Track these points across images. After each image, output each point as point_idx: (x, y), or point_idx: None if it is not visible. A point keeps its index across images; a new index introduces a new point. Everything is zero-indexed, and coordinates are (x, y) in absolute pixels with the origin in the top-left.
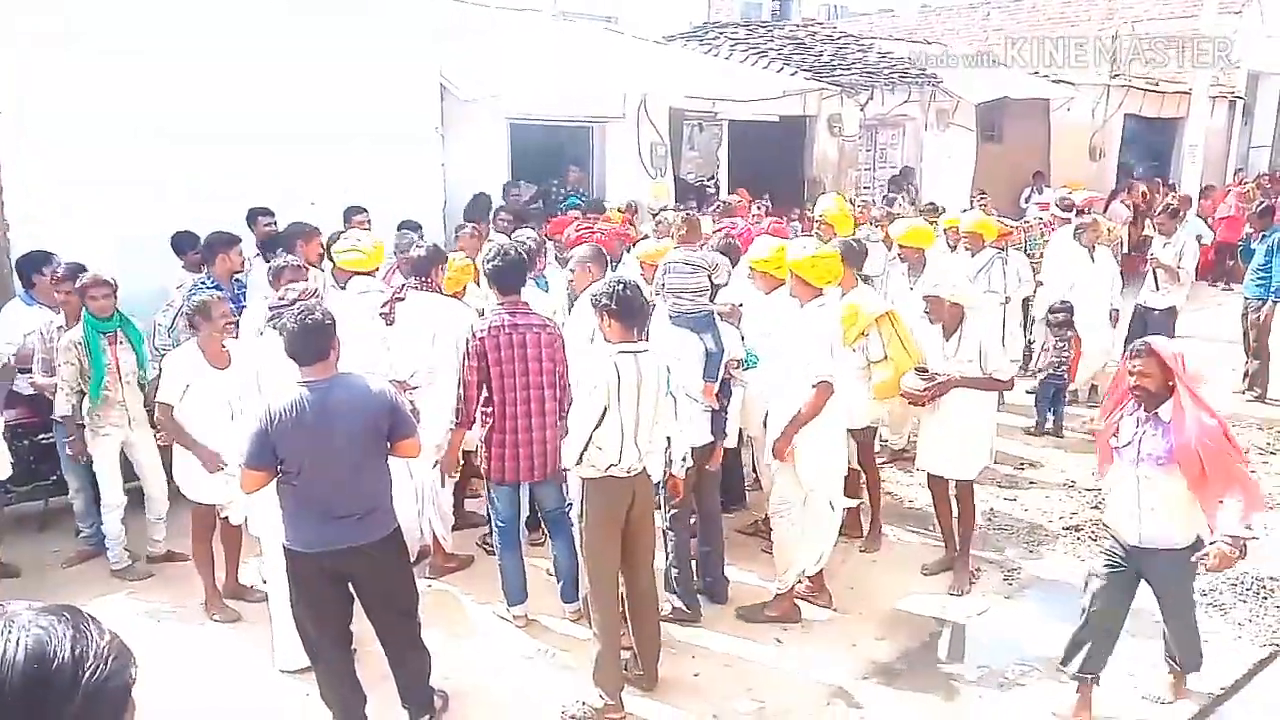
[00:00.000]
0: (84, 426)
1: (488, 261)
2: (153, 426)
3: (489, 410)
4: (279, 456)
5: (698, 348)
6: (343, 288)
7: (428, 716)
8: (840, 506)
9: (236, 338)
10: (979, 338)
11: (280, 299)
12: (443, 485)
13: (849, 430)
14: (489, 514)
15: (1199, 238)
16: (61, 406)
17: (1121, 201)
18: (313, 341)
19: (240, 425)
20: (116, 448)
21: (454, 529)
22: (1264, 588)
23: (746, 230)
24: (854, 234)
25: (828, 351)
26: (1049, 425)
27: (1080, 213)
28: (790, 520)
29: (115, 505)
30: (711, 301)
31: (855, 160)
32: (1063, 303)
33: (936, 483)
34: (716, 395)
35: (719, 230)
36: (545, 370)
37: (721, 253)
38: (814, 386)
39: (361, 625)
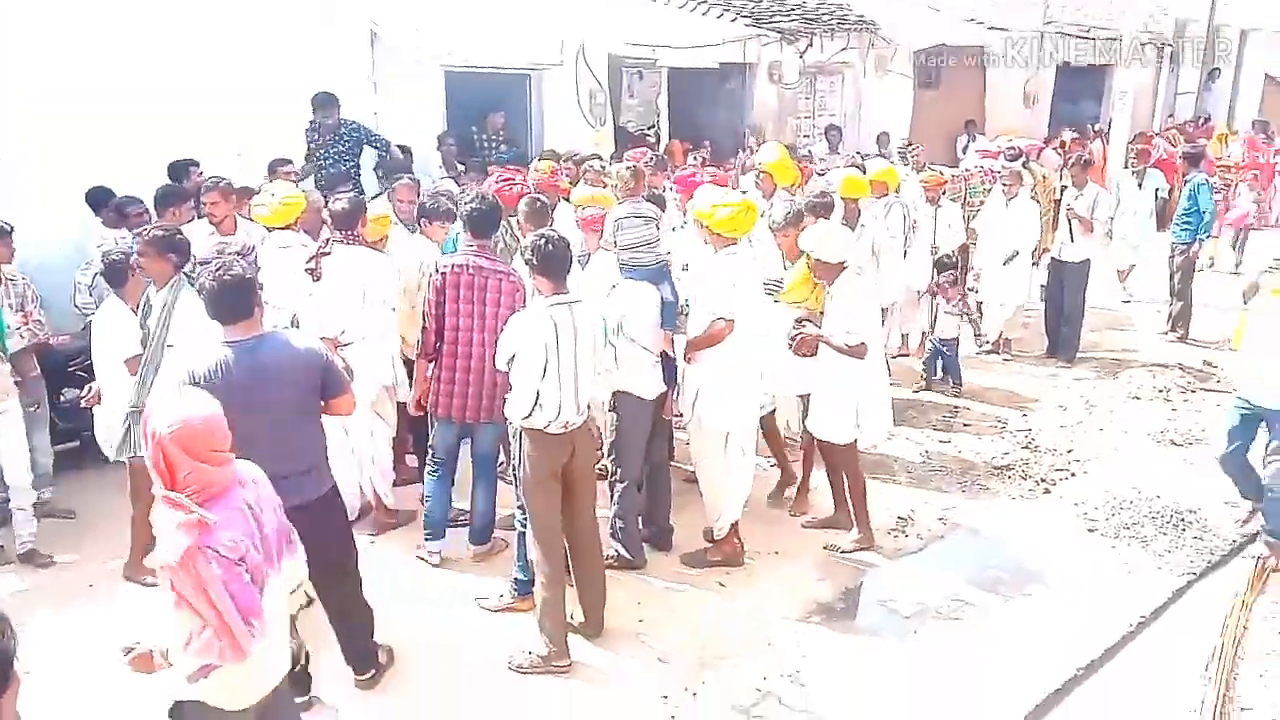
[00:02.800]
0: None
1: (466, 205)
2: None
3: (440, 347)
4: None
5: (654, 298)
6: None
7: (372, 671)
8: (750, 453)
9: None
10: (849, 297)
11: (218, 252)
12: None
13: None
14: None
15: (1156, 190)
16: None
17: (1054, 149)
18: (233, 300)
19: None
20: None
21: (394, 485)
22: (1182, 520)
23: (689, 177)
24: (799, 186)
25: (730, 293)
26: (937, 379)
27: (1025, 161)
28: (713, 468)
29: None
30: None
31: (795, 108)
32: (948, 257)
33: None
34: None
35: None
36: (501, 316)
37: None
38: (711, 322)
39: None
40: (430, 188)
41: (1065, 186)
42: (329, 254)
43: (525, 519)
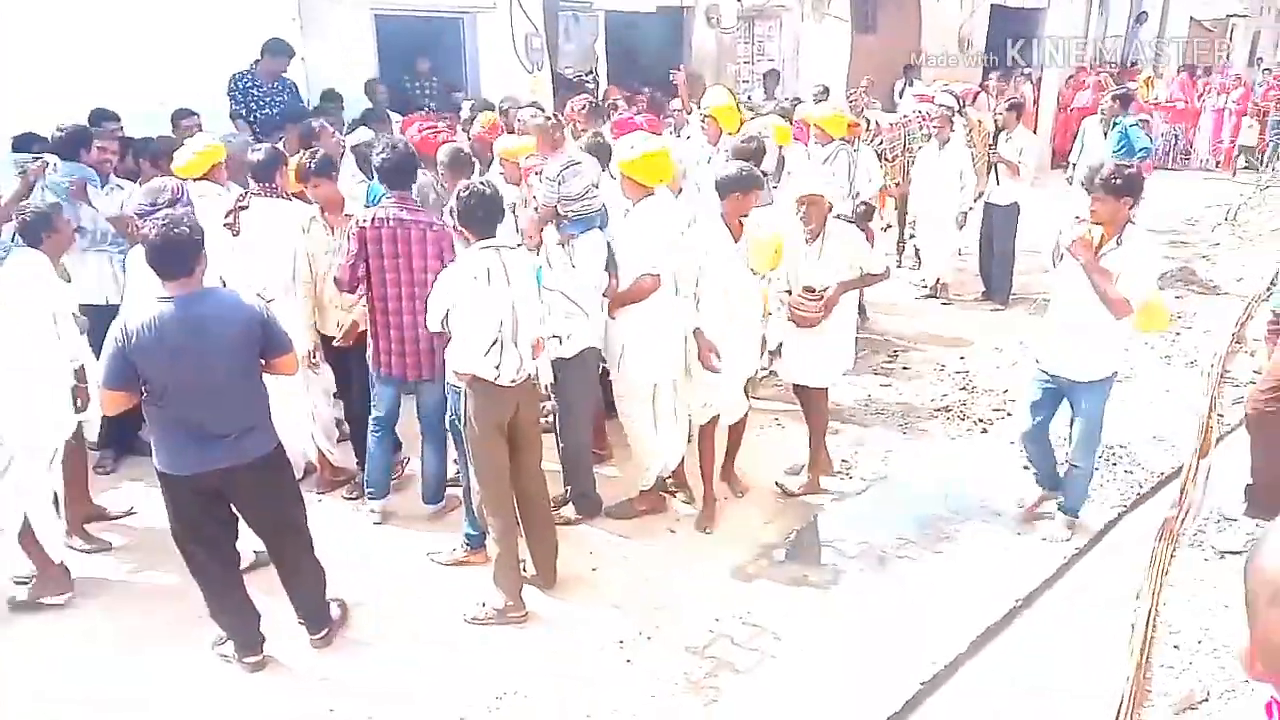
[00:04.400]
0: None
1: (377, 155)
2: None
3: (372, 305)
4: (141, 377)
5: (602, 243)
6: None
7: (325, 629)
8: (683, 414)
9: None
10: (843, 236)
11: (152, 204)
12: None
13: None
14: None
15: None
16: None
17: (989, 93)
18: (177, 254)
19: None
20: None
21: (338, 441)
22: (1113, 454)
23: (628, 120)
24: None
25: (658, 247)
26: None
27: (962, 106)
28: (640, 421)
29: None
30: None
31: (734, 53)
32: (863, 203)
33: (802, 390)
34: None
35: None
36: (430, 269)
37: (590, 150)
38: (638, 277)
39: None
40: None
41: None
42: (246, 207)
43: (469, 474)
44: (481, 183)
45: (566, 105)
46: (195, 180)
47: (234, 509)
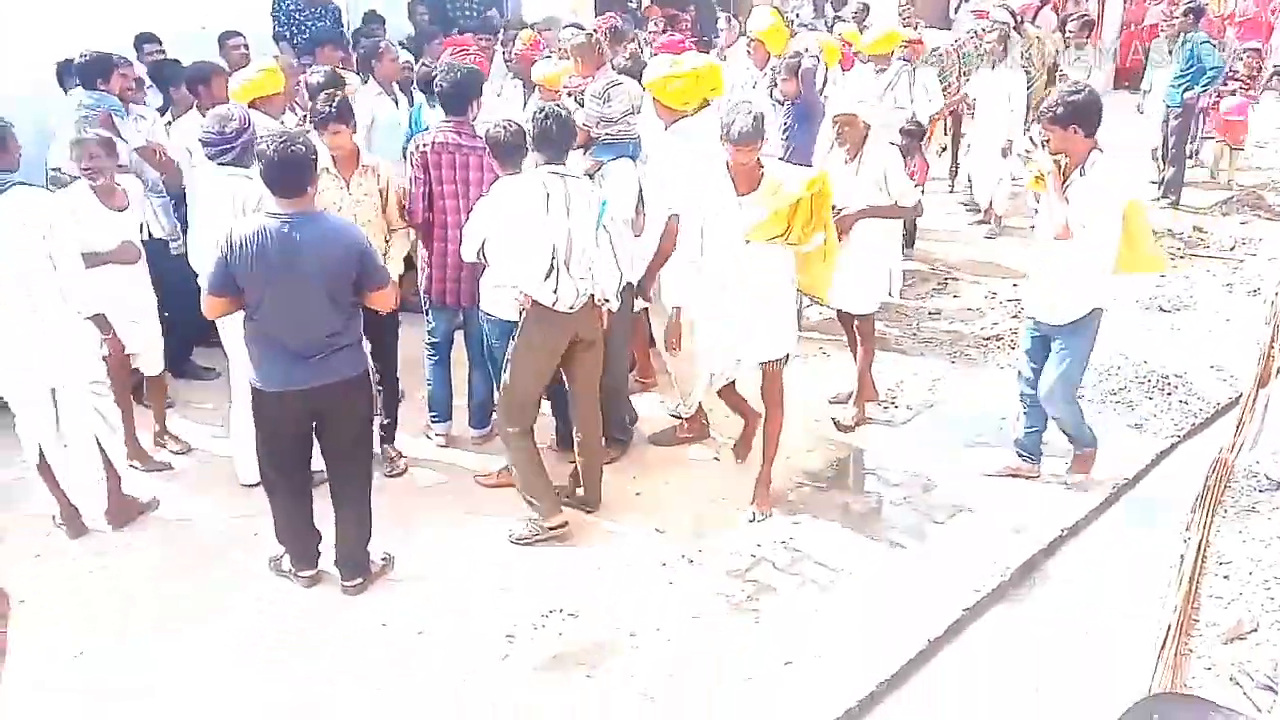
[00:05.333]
0: None
1: (438, 81)
2: None
3: (427, 232)
4: (239, 286)
5: (633, 174)
6: None
7: (360, 579)
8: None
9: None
10: (882, 161)
11: (219, 132)
12: None
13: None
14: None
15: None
16: None
17: (1051, 8)
18: (292, 173)
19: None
20: None
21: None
22: (1168, 384)
23: (679, 44)
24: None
25: (677, 179)
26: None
27: (1019, 22)
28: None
29: None
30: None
31: None
32: (914, 123)
33: (846, 317)
34: None
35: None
36: (486, 194)
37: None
38: (666, 220)
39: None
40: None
41: (1063, 49)
42: (308, 132)
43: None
44: (557, 105)
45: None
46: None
47: (318, 436)
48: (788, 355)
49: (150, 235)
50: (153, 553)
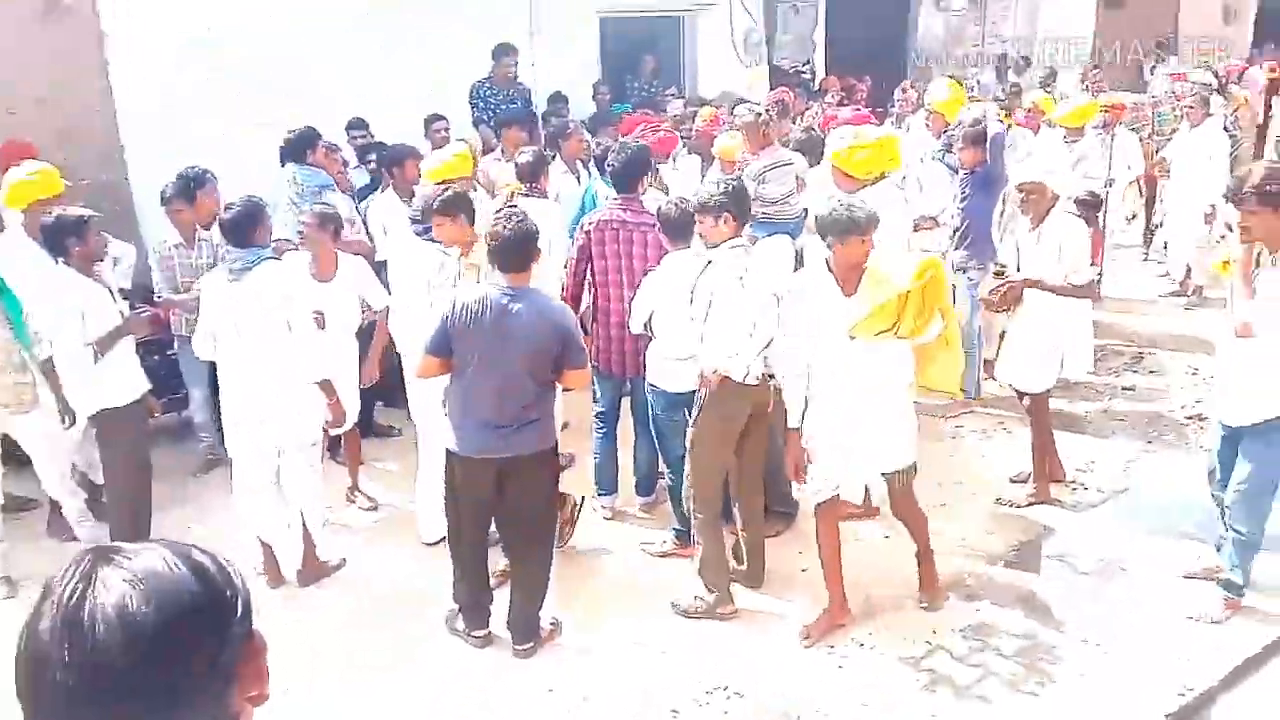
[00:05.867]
0: None
1: (610, 159)
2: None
3: (594, 304)
4: (452, 349)
5: (790, 251)
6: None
7: (531, 643)
8: None
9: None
10: (1062, 234)
11: (423, 210)
12: None
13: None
14: None
15: None
16: None
17: (1259, 67)
18: (524, 250)
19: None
20: None
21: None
22: None
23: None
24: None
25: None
26: None
27: (1223, 85)
28: None
29: None
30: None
31: (963, 36)
32: (1090, 194)
33: (1021, 395)
34: None
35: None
36: (649, 269)
37: (799, 149)
38: None
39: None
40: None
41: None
42: (515, 206)
43: (675, 477)
44: (736, 177)
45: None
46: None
47: (500, 502)
48: (914, 465)
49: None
50: (341, 606)
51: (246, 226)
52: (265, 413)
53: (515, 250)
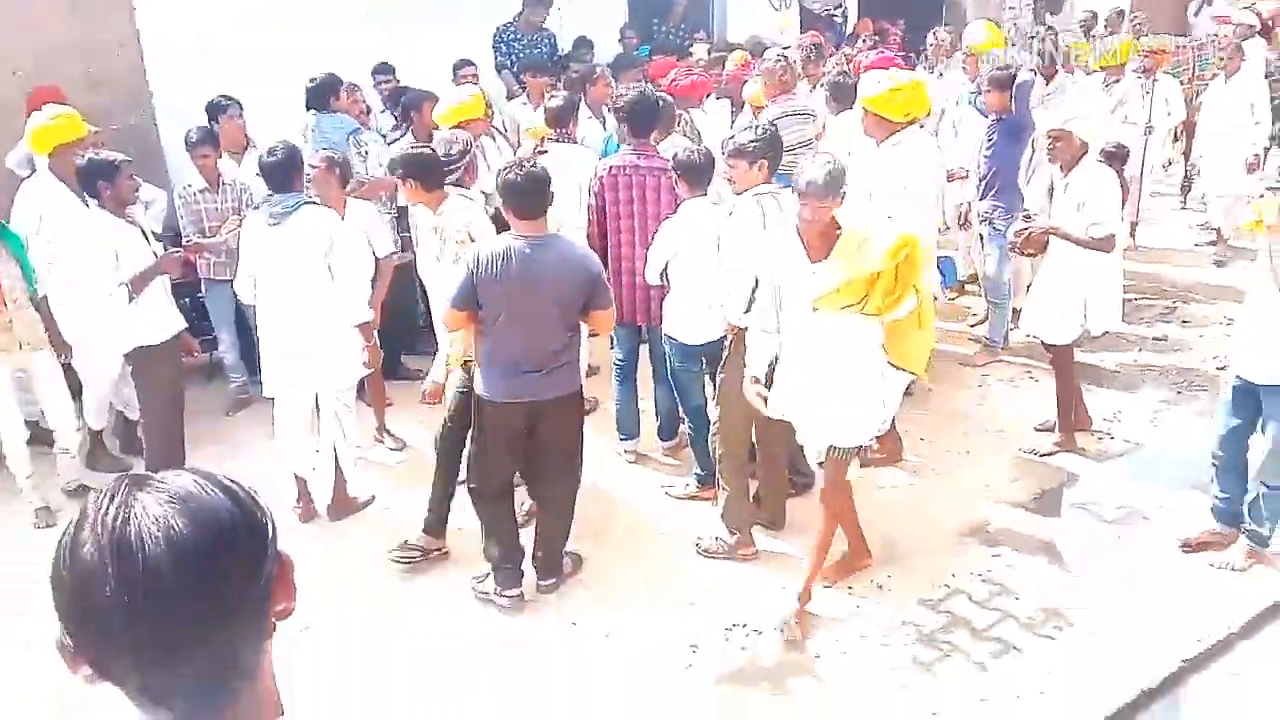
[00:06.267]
0: None
1: (624, 103)
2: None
3: (604, 254)
4: (480, 302)
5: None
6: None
7: (554, 579)
8: None
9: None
10: (1089, 184)
11: (445, 155)
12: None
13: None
14: None
15: None
16: None
17: None
18: (537, 196)
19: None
20: (8, 377)
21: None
22: None
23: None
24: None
25: (891, 198)
26: None
27: (1266, 28)
28: None
29: (15, 440)
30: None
31: None
32: (1117, 145)
33: (1045, 345)
34: None
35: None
36: (662, 215)
37: (831, 94)
38: None
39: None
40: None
41: None
42: (545, 152)
43: (694, 425)
44: (772, 124)
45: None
46: (450, 129)
47: (529, 444)
48: (861, 448)
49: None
50: (370, 541)
51: (286, 170)
52: (305, 355)
53: (527, 196)
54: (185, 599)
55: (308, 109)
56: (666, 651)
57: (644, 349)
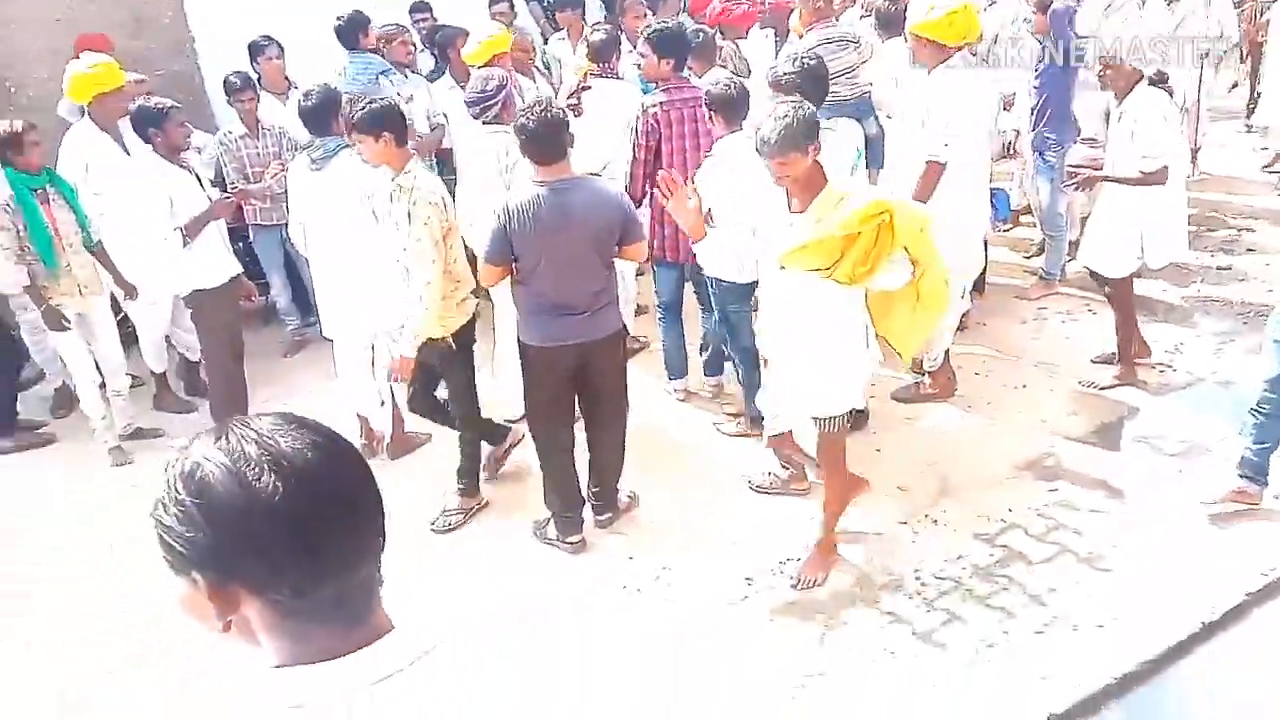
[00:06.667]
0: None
1: (652, 33)
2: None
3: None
4: (515, 254)
5: (858, 135)
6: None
7: (610, 514)
8: (968, 292)
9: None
10: (1140, 113)
11: (481, 92)
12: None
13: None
14: None
15: None
16: (13, 279)
17: None
18: (555, 139)
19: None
20: (74, 321)
21: (637, 314)
22: None
23: None
24: None
25: (946, 127)
26: None
27: None
28: None
29: (89, 382)
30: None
31: None
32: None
33: (1096, 276)
34: None
35: None
36: (705, 146)
37: (880, 21)
38: (926, 163)
39: None
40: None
41: None
42: (589, 88)
43: (743, 364)
44: (813, 54)
45: None
46: (478, 68)
47: (578, 384)
48: (852, 413)
49: None
50: (428, 477)
51: (325, 114)
52: (356, 297)
53: (546, 140)
54: (361, 509)
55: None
56: (720, 587)
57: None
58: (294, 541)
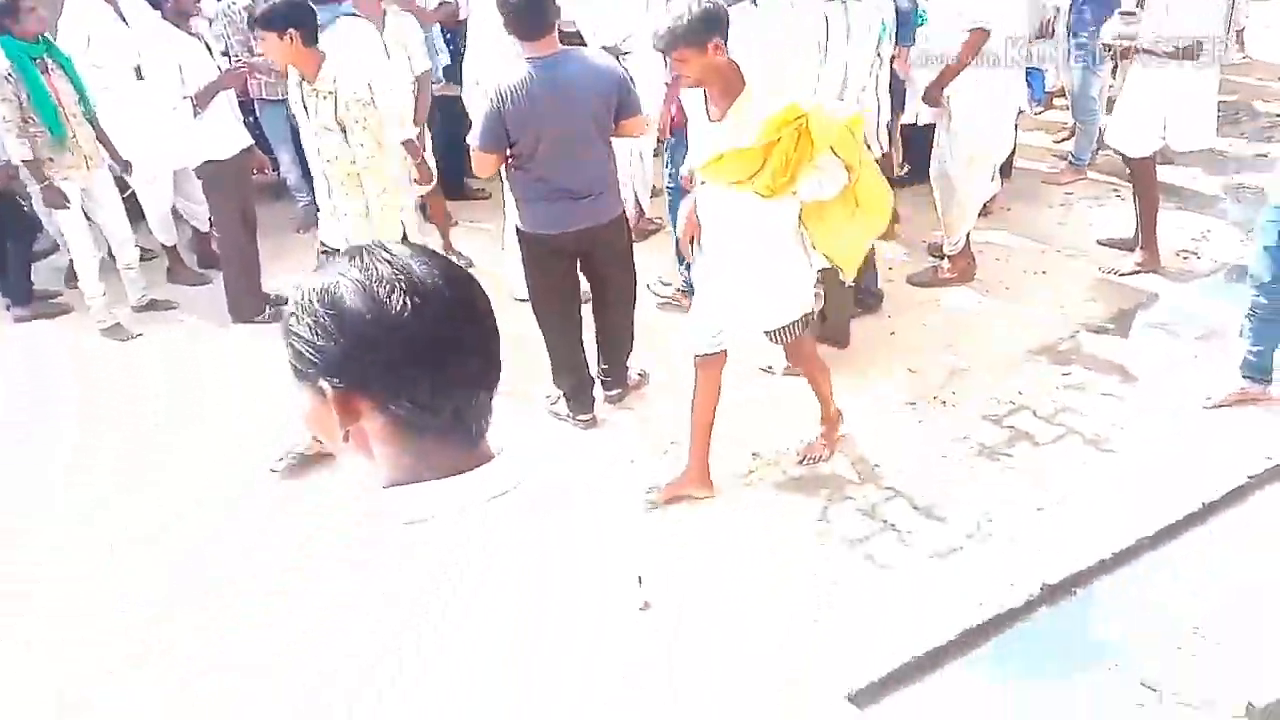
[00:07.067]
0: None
1: None
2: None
3: None
4: (510, 138)
5: (888, 6)
6: None
7: (620, 389)
8: (998, 178)
9: None
10: None
11: None
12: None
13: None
14: None
15: None
16: (16, 152)
17: None
18: (537, 13)
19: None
20: (77, 195)
21: (653, 196)
22: None
23: None
24: None
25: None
26: None
27: None
28: (957, 185)
29: (89, 257)
30: None
31: None
32: None
33: (1126, 159)
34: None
35: None
36: None
37: None
38: (968, 31)
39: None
40: None
41: None
42: None
43: None
44: None
45: None
46: None
47: (582, 267)
48: (805, 317)
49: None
50: None
51: None
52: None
53: (526, 15)
54: (484, 335)
55: None
56: (726, 461)
57: None
58: (420, 356)
